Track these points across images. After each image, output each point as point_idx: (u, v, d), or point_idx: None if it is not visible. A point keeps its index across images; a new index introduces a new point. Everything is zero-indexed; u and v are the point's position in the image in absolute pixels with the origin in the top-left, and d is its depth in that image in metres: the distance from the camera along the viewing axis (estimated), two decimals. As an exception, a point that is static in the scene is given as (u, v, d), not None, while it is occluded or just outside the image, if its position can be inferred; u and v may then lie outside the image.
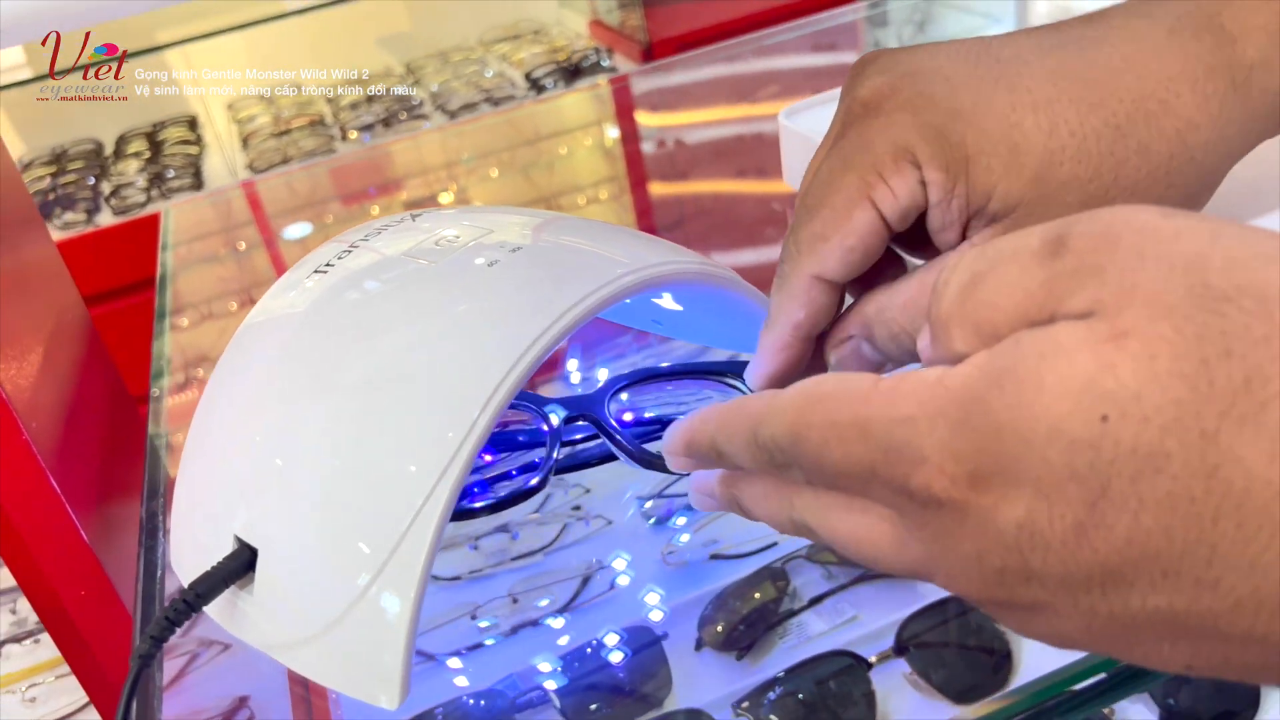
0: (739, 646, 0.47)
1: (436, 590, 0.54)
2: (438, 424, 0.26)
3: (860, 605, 0.48)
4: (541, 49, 1.48)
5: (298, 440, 0.28)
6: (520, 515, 0.58)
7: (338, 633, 0.26)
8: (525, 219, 0.35)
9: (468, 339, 0.27)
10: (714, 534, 0.54)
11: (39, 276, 0.48)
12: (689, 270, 0.33)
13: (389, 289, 0.30)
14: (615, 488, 0.58)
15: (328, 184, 1.15)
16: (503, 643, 0.50)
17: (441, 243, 0.32)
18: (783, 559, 0.51)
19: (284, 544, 0.27)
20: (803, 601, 0.49)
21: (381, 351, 0.28)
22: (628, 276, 0.29)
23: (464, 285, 0.29)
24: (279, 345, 0.31)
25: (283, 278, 0.36)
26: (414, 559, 0.26)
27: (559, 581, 0.53)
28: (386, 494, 0.26)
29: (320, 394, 0.28)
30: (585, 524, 0.56)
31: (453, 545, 0.56)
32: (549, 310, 0.28)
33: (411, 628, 0.26)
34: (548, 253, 0.31)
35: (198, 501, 0.32)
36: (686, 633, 0.48)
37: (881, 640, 0.46)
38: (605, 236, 0.34)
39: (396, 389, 0.27)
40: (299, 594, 0.27)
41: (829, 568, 0.50)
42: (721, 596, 0.49)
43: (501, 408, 0.26)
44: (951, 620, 0.46)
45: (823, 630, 0.48)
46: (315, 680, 0.27)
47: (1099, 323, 0.19)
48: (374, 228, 0.35)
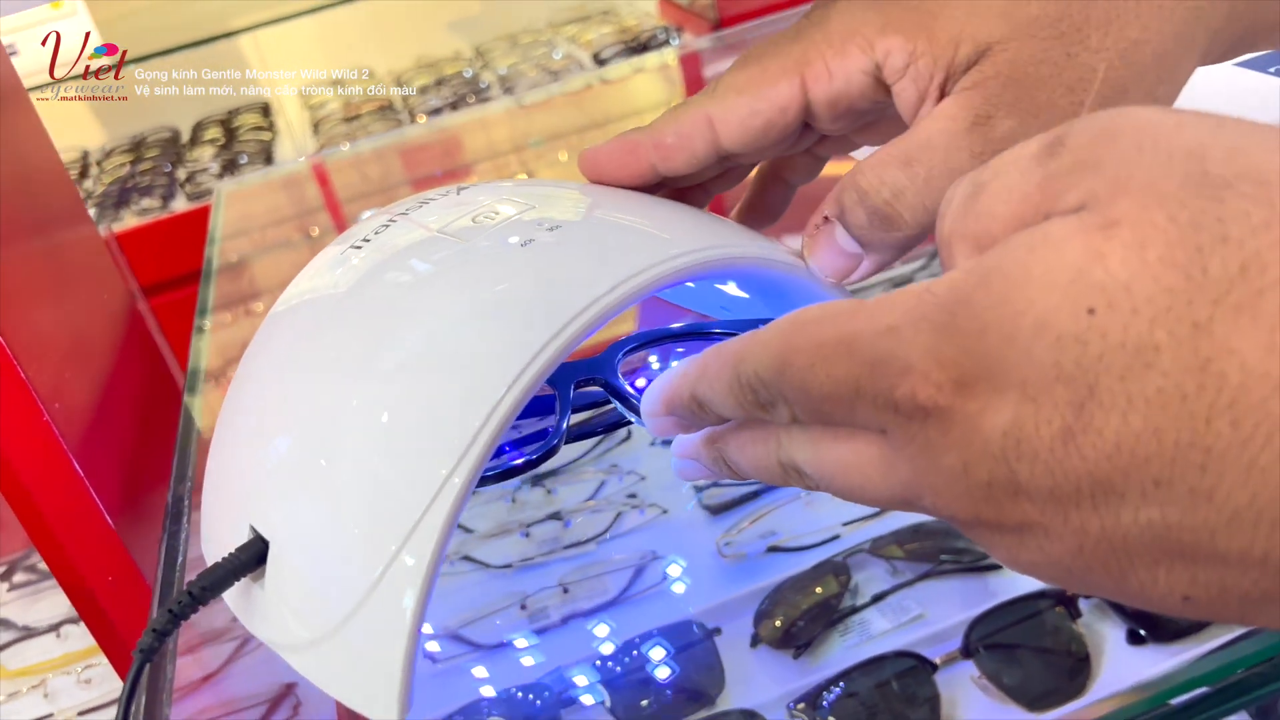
0: (796, 644, 0.45)
1: (487, 578, 0.53)
2: (441, 427, 0.24)
3: (926, 603, 0.46)
4: (610, 29, 1.46)
5: (308, 430, 0.26)
6: (574, 503, 0.56)
7: (339, 638, 0.24)
8: (576, 194, 0.33)
9: (482, 332, 0.25)
10: (772, 525, 0.51)
11: (79, 270, 0.48)
12: (744, 255, 0.30)
13: (411, 272, 0.28)
14: (671, 476, 0.56)
15: (398, 167, 1.15)
16: (552, 634, 0.49)
17: (479, 219, 0.30)
18: (845, 553, 0.48)
19: (292, 539, 0.26)
20: (865, 598, 0.47)
21: (393, 341, 0.26)
22: (660, 265, 0.27)
23: (490, 269, 0.27)
24: (298, 329, 0.30)
25: (319, 255, 0.34)
26: (417, 567, 0.24)
27: (611, 572, 0.51)
28: (391, 494, 0.24)
29: (332, 382, 0.27)
30: (640, 513, 0.55)
31: (505, 532, 0.55)
32: (573, 302, 0.25)
33: (412, 637, 0.24)
34: (589, 232, 0.29)
35: (220, 489, 0.30)
36: (742, 628, 0.46)
37: (948, 641, 0.43)
38: (659, 215, 0.32)
39: (405, 383, 0.25)
40: (304, 593, 0.25)
41: (894, 563, 0.48)
42: (779, 591, 0.47)
43: (508, 417, 0.24)
44: (1024, 620, 0.43)
45: (886, 629, 0.45)
46: (317, 685, 0.26)
47: (1090, 214, 0.18)
48: (418, 200, 0.33)
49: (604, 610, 0.49)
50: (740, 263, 0.30)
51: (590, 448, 0.60)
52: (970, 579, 0.46)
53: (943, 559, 0.47)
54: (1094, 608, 0.43)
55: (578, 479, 0.58)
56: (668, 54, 1.33)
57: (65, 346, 0.39)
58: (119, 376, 0.43)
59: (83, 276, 0.47)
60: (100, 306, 0.47)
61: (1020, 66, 0.29)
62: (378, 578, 0.24)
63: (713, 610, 0.47)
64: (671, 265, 0.27)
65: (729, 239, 0.31)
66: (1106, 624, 0.42)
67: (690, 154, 0.33)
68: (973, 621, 0.42)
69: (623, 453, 0.59)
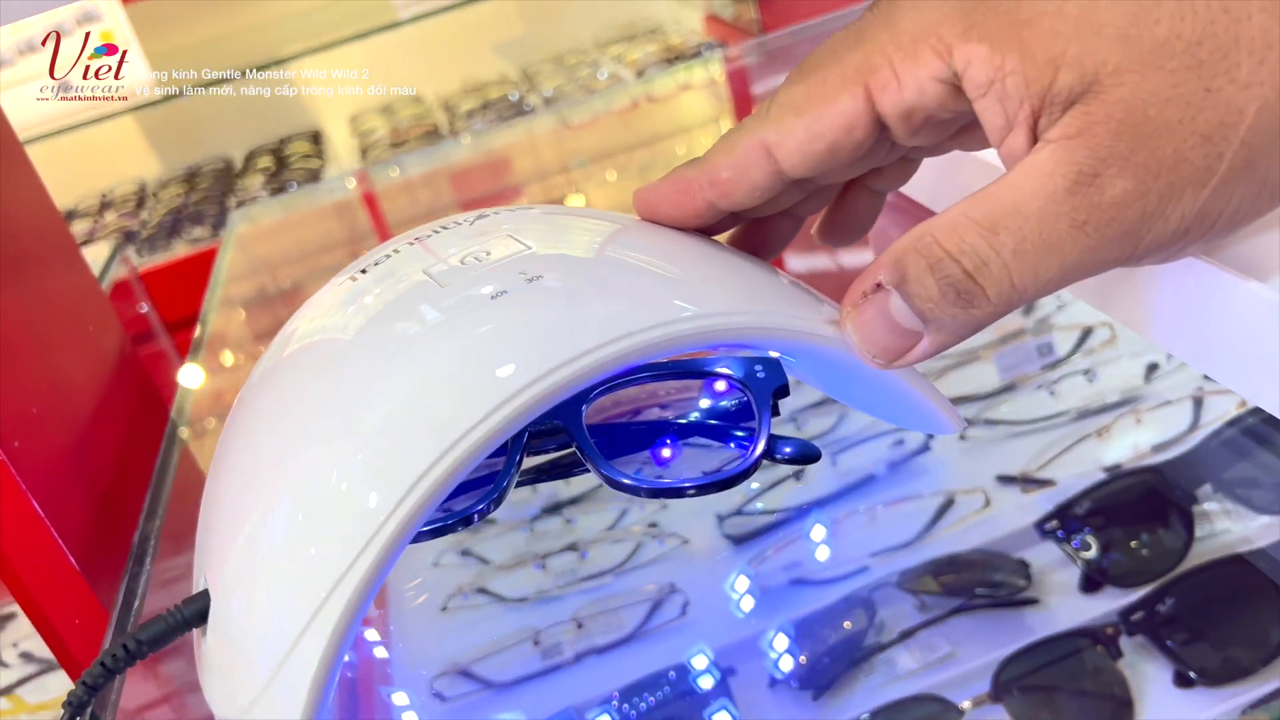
0: (816, 685, 0.42)
1: (501, 612, 0.51)
2: (361, 500, 0.22)
3: (957, 641, 0.43)
4: (655, 47, 1.45)
5: (249, 483, 0.25)
6: (593, 532, 0.54)
7: (260, 706, 0.22)
8: (597, 232, 0.29)
9: (419, 399, 0.23)
10: (797, 556, 0.49)
11: (62, 314, 0.47)
12: (752, 326, 0.25)
13: (375, 323, 0.26)
14: (693, 504, 0.54)
15: (446, 189, 1.15)
16: (565, 671, 0.47)
17: (468, 259, 0.27)
18: (870, 586, 0.45)
19: (224, 598, 0.24)
20: (892, 635, 0.44)
21: (332, 400, 0.24)
22: (627, 339, 0.23)
23: (448, 326, 0.24)
24: (269, 371, 0.28)
25: (327, 284, 0.33)
26: (311, 658, 0.21)
27: (627, 605, 0.49)
28: (306, 566, 0.22)
29: (277, 434, 0.25)
30: (660, 543, 0.52)
31: (521, 564, 0.53)
32: (523, 374, 0.23)
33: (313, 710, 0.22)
34: (572, 285, 0.25)
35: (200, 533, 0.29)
36: (759, 667, 0.44)
37: (979, 682, 0.40)
38: (678, 268, 0.27)
39: (328, 450, 0.23)
40: (228, 661, 0.24)
41: (922, 597, 0.45)
42: (800, 627, 0.45)
43: (435, 493, 0.22)
44: (1061, 660, 0.40)
45: (913, 669, 0.42)
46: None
47: None
48: (437, 226, 0.31)
49: (619, 646, 0.47)
50: (750, 334, 0.25)
51: (612, 475, 0.58)
52: (1006, 615, 0.43)
53: (977, 593, 0.44)
54: (1138, 647, 0.40)
55: (598, 508, 0.56)
56: (712, 67, 1.31)
57: (35, 387, 0.38)
58: (102, 418, 0.43)
59: (66, 319, 0.47)
60: (86, 348, 0.47)
61: (1139, 108, 0.23)
62: (283, 657, 0.22)
63: (731, 648, 0.45)
64: (640, 340, 0.23)
65: (749, 304, 0.27)
66: (1151, 665, 0.39)
67: (750, 187, 0.29)
68: (1003, 661, 0.39)
69: (645, 480, 0.57)
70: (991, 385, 0.55)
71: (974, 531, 0.47)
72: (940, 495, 0.49)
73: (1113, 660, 0.39)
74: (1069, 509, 0.45)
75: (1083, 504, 0.45)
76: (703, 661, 0.43)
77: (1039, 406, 0.53)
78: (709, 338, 0.24)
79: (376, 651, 0.50)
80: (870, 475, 0.52)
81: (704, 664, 0.43)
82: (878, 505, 0.50)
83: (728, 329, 0.24)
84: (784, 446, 0.28)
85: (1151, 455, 0.48)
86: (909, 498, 0.50)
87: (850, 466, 0.53)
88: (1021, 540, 0.46)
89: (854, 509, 0.50)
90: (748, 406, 0.27)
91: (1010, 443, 0.52)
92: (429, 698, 0.47)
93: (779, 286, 0.28)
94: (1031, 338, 0.58)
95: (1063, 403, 0.53)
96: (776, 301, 0.27)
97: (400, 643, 0.51)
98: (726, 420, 0.28)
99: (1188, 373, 0.52)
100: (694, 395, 0.28)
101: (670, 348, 0.23)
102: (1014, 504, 0.48)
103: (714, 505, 0.53)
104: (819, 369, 0.30)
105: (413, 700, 0.47)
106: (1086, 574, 0.43)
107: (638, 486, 0.25)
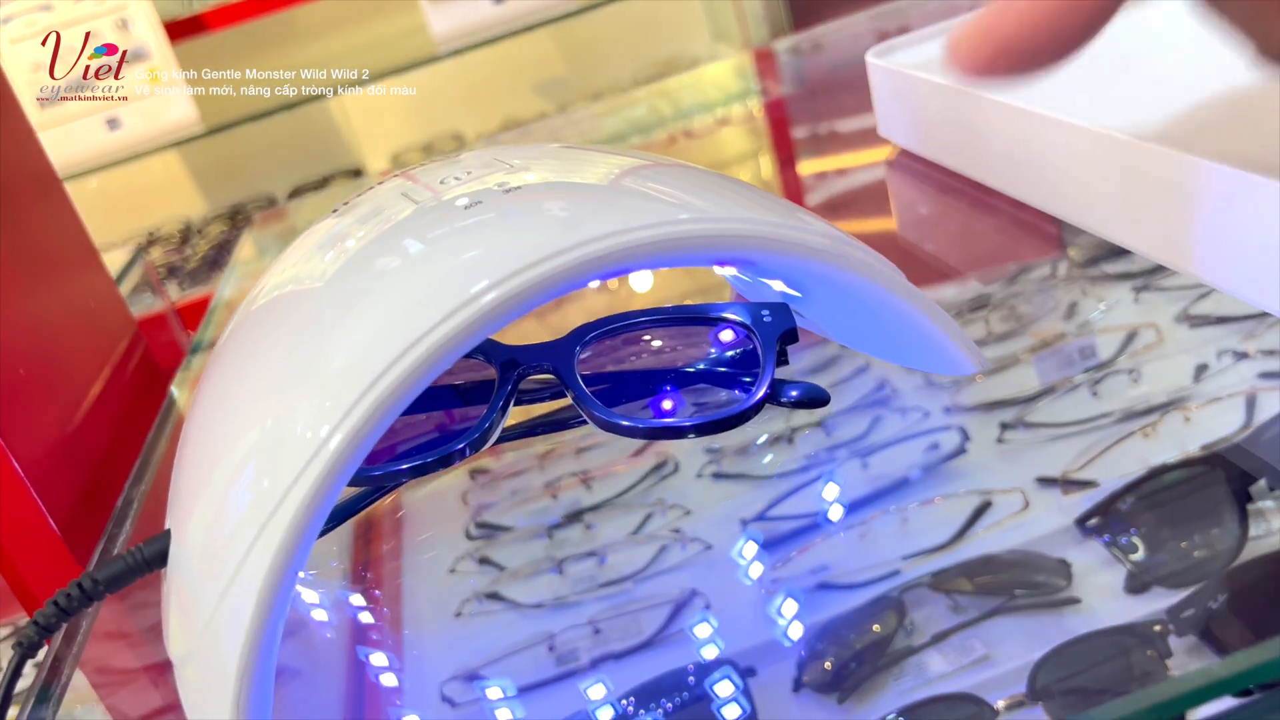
0: (842, 688, 0.40)
1: (516, 618, 0.49)
2: (309, 416, 0.21)
3: (994, 643, 0.40)
4: (692, 81, 1.45)
5: (209, 421, 0.23)
6: (613, 537, 0.52)
7: (194, 659, 0.21)
8: (596, 160, 0.27)
9: (375, 309, 0.22)
10: (824, 559, 0.47)
11: (50, 269, 0.46)
12: (742, 234, 0.24)
13: (338, 245, 0.25)
14: (717, 510, 0.52)
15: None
16: (580, 677, 0.45)
17: (448, 179, 0.26)
18: (901, 587, 0.43)
19: (181, 534, 0.22)
20: (924, 637, 0.41)
21: (297, 317, 0.23)
22: (601, 242, 0.21)
23: (408, 234, 0.23)
24: (249, 309, 0.27)
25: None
26: (251, 587, 0.20)
27: (646, 609, 0.47)
28: (255, 488, 0.21)
29: (235, 365, 0.24)
30: (682, 547, 0.50)
31: (538, 570, 0.51)
32: (485, 276, 0.21)
33: (248, 669, 0.20)
34: (552, 195, 0.24)
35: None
36: (784, 671, 0.41)
37: (1016, 683, 0.37)
38: (679, 183, 0.26)
39: (294, 362, 0.22)
40: (183, 598, 0.22)
41: (956, 598, 0.42)
42: (825, 630, 0.42)
43: (385, 408, 0.20)
44: (1104, 661, 0.37)
45: (946, 671, 0.40)
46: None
47: None
48: (440, 158, 0.30)
49: (637, 652, 0.45)
50: (750, 244, 0.23)
51: (635, 482, 0.56)
52: (1046, 616, 0.41)
53: (1016, 593, 0.42)
54: (1189, 648, 0.37)
55: (619, 514, 0.54)
56: (751, 102, 1.31)
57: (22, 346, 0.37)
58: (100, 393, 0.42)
59: (59, 277, 0.46)
60: (84, 319, 0.46)
61: None
62: (224, 587, 0.20)
63: (753, 651, 0.42)
64: (623, 241, 0.22)
65: (754, 215, 0.24)
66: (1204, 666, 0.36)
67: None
68: (1041, 659, 0.37)
69: (668, 487, 0.55)
70: (1030, 389, 0.53)
71: (1011, 534, 0.45)
72: (976, 496, 0.47)
73: (1161, 661, 0.36)
74: (1113, 505, 0.43)
75: (1127, 500, 0.43)
76: (716, 655, 0.41)
77: (1081, 408, 0.51)
78: (701, 247, 0.22)
79: (386, 656, 0.48)
80: (903, 479, 0.50)
81: (720, 664, 0.41)
82: (910, 506, 0.47)
83: (724, 236, 0.22)
84: (790, 390, 0.26)
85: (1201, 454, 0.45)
86: (943, 498, 0.47)
87: (882, 470, 0.51)
88: (1062, 540, 0.43)
89: (884, 510, 0.48)
90: (753, 355, 0.25)
91: (1050, 445, 0.49)
92: (438, 702, 0.45)
93: (791, 209, 0.27)
94: (1073, 340, 0.55)
95: (1106, 404, 0.50)
96: (787, 218, 0.25)
97: (412, 648, 0.49)
98: (731, 368, 0.26)
99: (1239, 372, 0.49)
100: (697, 344, 0.27)
101: (656, 254, 0.21)
102: (1054, 505, 0.45)
103: (738, 510, 0.51)
104: (827, 305, 0.28)
105: (421, 706, 0.45)
106: (1132, 573, 0.40)
107: (634, 428, 0.23)
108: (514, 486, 0.59)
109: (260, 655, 0.19)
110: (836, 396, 0.55)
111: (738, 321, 0.25)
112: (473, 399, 0.25)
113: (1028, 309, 0.59)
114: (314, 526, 0.19)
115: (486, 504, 0.57)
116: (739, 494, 0.53)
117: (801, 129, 1.08)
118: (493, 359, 0.24)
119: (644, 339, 0.26)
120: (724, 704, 0.39)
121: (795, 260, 0.23)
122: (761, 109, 1.26)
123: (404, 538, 0.56)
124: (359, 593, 0.53)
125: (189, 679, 0.21)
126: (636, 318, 0.24)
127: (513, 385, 0.23)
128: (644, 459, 0.57)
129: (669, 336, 0.26)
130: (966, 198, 0.62)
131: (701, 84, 1.43)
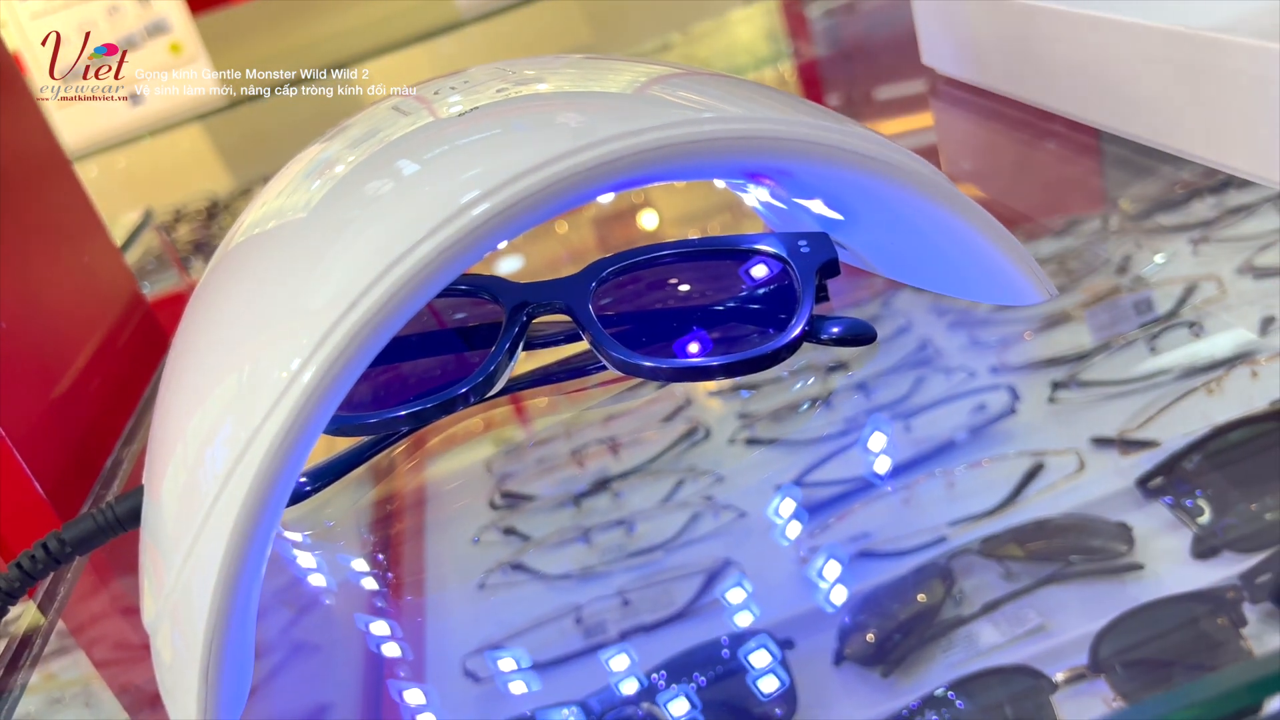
0: (886, 661, 0.37)
1: (543, 589, 0.47)
2: (282, 353, 0.18)
3: (1050, 612, 0.38)
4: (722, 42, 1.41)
5: (179, 365, 0.21)
6: (642, 505, 0.50)
7: (161, 626, 0.19)
8: (613, 67, 0.25)
9: (362, 223, 0.19)
10: (864, 526, 0.44)
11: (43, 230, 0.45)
12: (765, 134, 0.21)
13: (330, 170, 0.23)
14: (750, 477, 0.49)
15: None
16: (608, 649, 0.42)
17: (443, 89, 0.24)
18: (949, 554, 0.40)
19: (152, 490, 0.20)
20: (973, 607, 0.39)
21: (272, 257, 0.21)
22: (611, 144, 0.19)
23: (399, 157, 0.21)
24: (220, 253, 0.25)
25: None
26: (218, 541, 0.17)
27: (677, 579, 0.44)
28: (218, 438, 0.19)
29: (213, 307, 0.22)
30: (715, 516, 0.48)
31: (564, 540, 0.49)
32: (477, 186, 0.18)
33: (217, 634, 0.18)
34: (558, 97, 0.22)
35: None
36: (823, 643, 0.39)
37: (1076, 655, 0.35)
38: (713, 90, 0.22)
39: (271, 301, 0.20)
40: (151, 560, 0.20)
41: (1008, 564, 0.40)
42: (868, 600, 0.40)
43: (362, 336, 0.18)
44: (1173, 631, 0.34)
45: (998, 643, 0.37)
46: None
47: None
48: (450, 74, 0.28)
49: (669, 624, 0.43)
50: (773, 147, 0.21)
51: (665, 449, 0.53)
52: (1106, 584, 0.38)
53: (1072, 559, 0.39)
54: (1265, 616, 0.34)
55: (648, 482, 0.52)
56: (782, 66, 1.28)
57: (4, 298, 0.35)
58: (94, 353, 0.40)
59: (52, 234, 0.45)
60: (79, 277, 0.44)
61: None
62: (190, 543, 0.18)
63: (790, 622, 0.40)
64: (634, 143, 0.19)
65: (791, 117, 0.22)
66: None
67: None
68: (1104, 629, 0.34)
69: (699, 454, 0.53)
70: (1084, 346, 0.50)
71: (1066, 498, 0.42)
72: (1027, 458, 0.44)
73: (1235, 630, 0.34)
74: (1176, 465, 0.40)
75: (1192, 459, 0.40)
76: (751, 625, 0.39)
77: (1138, 365, 0.48)
78: (728, 150, 0.19)
79: (407, 629, 0.47)
80: (949, 441, 0.47)
81: (755, 635, 0.39)
82: (956, 469, 0.45)
83: (754, 137, 0.19)
84: (830, 326, 0.23)
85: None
86: (992, 461, 0.45)
87: (926, 434, 0.48)
88: (1121, 503, 0.40)
89: (929, 474, 0.45)
90: (789, 291, 0.23)
91: (1106, 404, 0.46)
92: (461, 676, 0.43)
93: (835, 116, 0.24)
94: (1128, 294, 0.52)
95: (1165, 360, 0.47)
96: (829, 121, 0.22)
97: (434, 621, 0.47)
98: (765, 305, 0.24)
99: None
100: (727, 280, 0.24)
101: (676, 159, 0.19)
102: (1112, 467, 0.43)
103: (772, 477, 0.48)
104: (872, 229, 0.25)
105: (444, 679, 0.43)
106: (1199, 537, 0.37)
107: (657, 368, 0.21)
108: (540, 454, 0.56)
109: (232, 618, 0.17)
110: (876, 359, 0.52)
111: (772, 254, 0.22)
112: (481, 345, 0.23)
113: (1077, 264, 0.56)
114: (288, 471, 0.17)
115: (511, 472, 0.55)
116: (774, 460, 0.50)
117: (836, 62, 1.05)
118: (501, 299, 0.21)
119: (667, 275, 0.24)
120: (761, 675, 0.36)
121: (837, 170, 0.20)
122: (794, 71, 1.23)
123: (426, 509, 0.54)
124: (379, 564, 0.51)
125: (159, 650, 0.19)
126: (658, 250, 0.22)
127: (521, 326, 0.21)
128: (674, 426, 0.54)
129: (695, 272, 0.24)
130: (1025, 126, 0.58)
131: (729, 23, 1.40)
